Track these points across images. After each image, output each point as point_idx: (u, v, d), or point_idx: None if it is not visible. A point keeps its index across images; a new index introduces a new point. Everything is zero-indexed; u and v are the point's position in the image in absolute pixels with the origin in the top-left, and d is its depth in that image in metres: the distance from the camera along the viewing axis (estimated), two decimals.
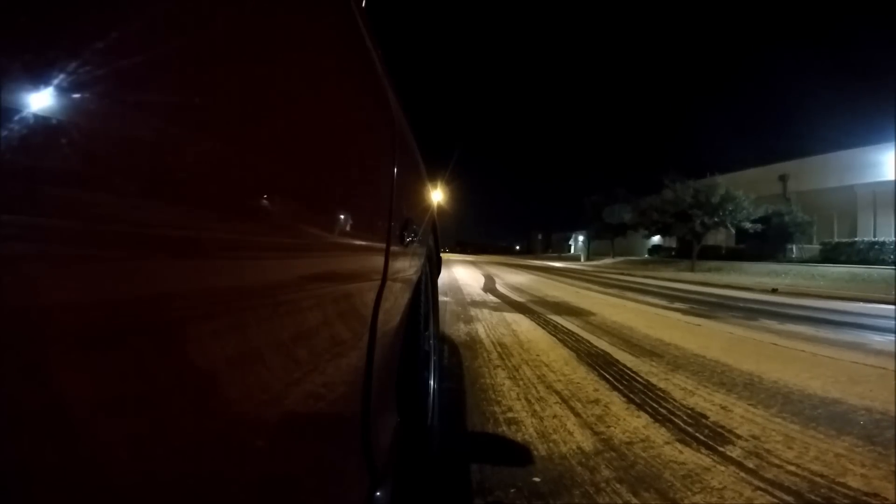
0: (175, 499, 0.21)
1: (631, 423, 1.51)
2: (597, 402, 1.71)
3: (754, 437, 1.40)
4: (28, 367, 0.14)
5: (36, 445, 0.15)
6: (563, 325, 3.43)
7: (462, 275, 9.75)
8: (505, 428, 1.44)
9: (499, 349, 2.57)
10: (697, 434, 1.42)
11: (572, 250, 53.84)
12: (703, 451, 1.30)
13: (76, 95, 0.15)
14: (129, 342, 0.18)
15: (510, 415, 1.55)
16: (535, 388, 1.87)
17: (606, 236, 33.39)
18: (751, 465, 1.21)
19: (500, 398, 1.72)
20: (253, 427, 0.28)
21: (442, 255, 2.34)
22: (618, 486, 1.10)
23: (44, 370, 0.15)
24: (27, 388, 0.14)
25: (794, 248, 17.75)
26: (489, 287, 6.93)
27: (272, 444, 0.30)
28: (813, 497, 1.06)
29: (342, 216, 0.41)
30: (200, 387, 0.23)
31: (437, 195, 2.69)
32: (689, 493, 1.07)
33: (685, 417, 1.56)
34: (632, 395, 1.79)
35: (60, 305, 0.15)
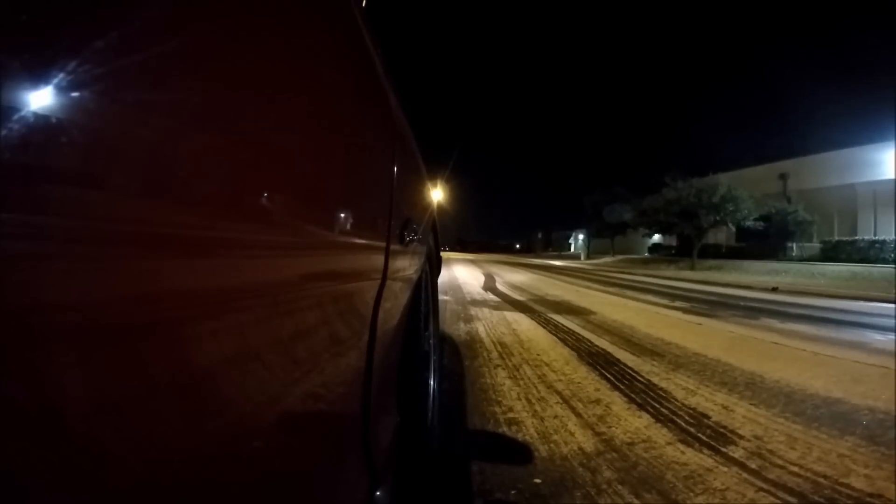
0: (175, 499, 0.21)
1: (632, 423, 1.51)
2: (598, 402, 1.71)
3: (757, 437, 1.40)
4: (28, 367, 0.14)
5: (36, 445, 0.15)
6: (563, 324, 3.42)
7: (462, 273, 9.76)
8: (505, 428, 1.44)
9: (499, 348, 2.57)
10: (699, 434, 1.41)
11: (572, 249, 53.88)
12: (705, 451, 1.30)
13: (76, 95, 0.15)
14: (128, 342, 0.18)
15: (511, 415, 1.55)
16: (536, 387, 1.87)
17: (606, 235, 33.45)
18: (753, 466, 1.20)
19: (500, 398, 1.72)
20: (253, 427, 0.28)
21: (442, 253, 2.34)
22: (619, 487, 1.09)
23: (44, 370, 0.15)
24: (27, 388, 0.14)
25: (795, 246, 17.74)
26: (489, 286, 6.93)
27: (272, 444, 0.30)
28: (816, 498, 1.05)
29: (342, 215, 0.41)
30: (200, 386, 0.23)
31: (437, 194, 2.69)
32: (691, 494, 1.07)
33: (687, 418, 1.56)
34: (633, 395, 1.78)
35: (60, 305, 0.15)
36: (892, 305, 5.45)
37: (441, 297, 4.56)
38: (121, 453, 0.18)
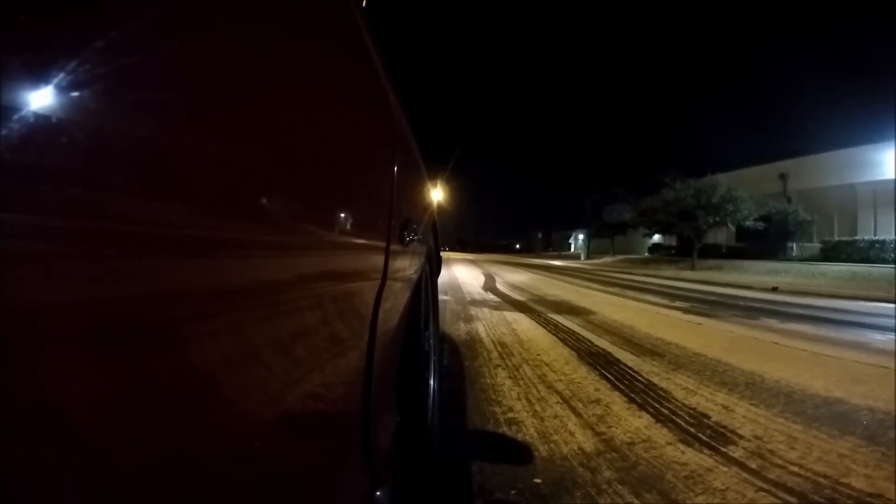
0: (175, 499, 0.21)
1: (632, 423, 1.51)
2: (598, 402, 1.71)
3: (757, 437, 1.40)
4: (28, 367, 0.14)
5: (36, 445, 0.15)
6: (563, 324, 3.42)
7: (462, 273, 9.76)
8: (505, 428, 1.44)
9: (499, 348, 2.57)
10: (700, 434, 1.41)
11: (572, 249, 53.89)
12: (705, 451, 1.30)
13: (76, 95, 0.15)
14: (128, 342, 0.18)
15: (511, 415, 1.55)
16: (536, 387, 1.87)
17: (606, 235, 33.47)
18: (754, 466, 1.20)
19: (500, 398, 1.72)
20: (253, 427, 0.28)
21: (442, 253, 2.34)
22: (620, 487, 1.09)
23: (44, 370, 0.15)
24: (27, 388, 0.14)
25: (795, 246, 17.75)
26: (489, 286, 6.93)
27: (272, 444, 0.30)
28: (816, 498, 1.05)
29: (342, 216, 0.41)
30: (200, 387, 0.23)
31: (437, 194, 2.69)
32: (691, 494, 1.07)
33: (687, 417, 1.56)
34: (633, 395, 1.78)
35: (60, 305, 0.15)
36: (892, 305, 5.45)
37: (441, 296, 4.56)
38: (121, 453, 0.18)
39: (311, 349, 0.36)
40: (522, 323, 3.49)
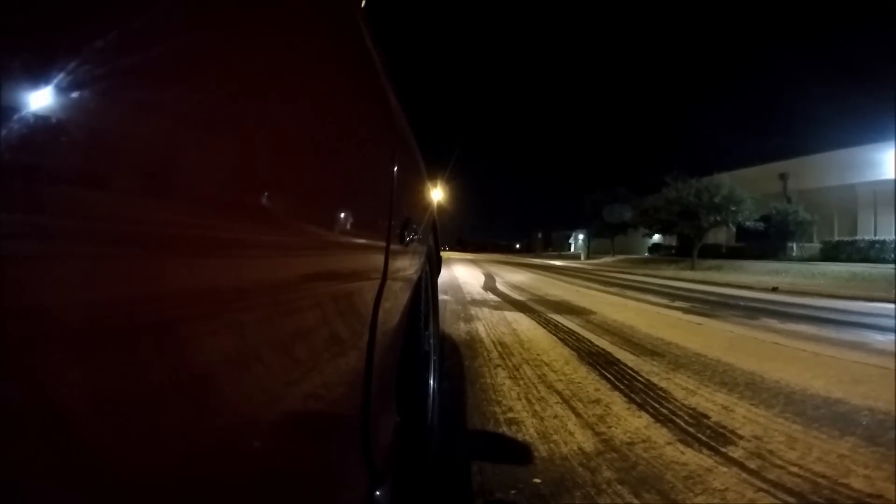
0: (175, 499, 0.21)
1: (632, 423, 1.51)
2: (598, 402, 1.71)
3: (756, 437, 1.40)
4: (28, 367, 0.14)
5: (36, 445, 0.15)
6: (563, 324, 3.42)
7: (462, 273, 9.76)
8: (505, 428, 1.44)
9: (499, 348, 2.57)
10: (699, 434, 1.41)
11: (572, 249, 53.89)
12: (704, 451, 1.30)
13: (76, 95, 0.15)
14: (128, 342, 0.18)
15: (511, 415, 1.55)
16: (536, 387, 1.87)
17: (606, 234, 33.45)
18: (753, 466, 1.21)
19: (500, 398, 1.72)
20: (253, 427, 0.28)
21: (442, 253, 2.34)
22: (619, 487, 1.09)
23: (44, 370, 0.15)
24: (27, 388, 0.14)
25: (795, 246, 17.75)
26: (489, 286, 6.93)
27: (272, 444, 0.30)
28: (816, 498, 1.05)
29: (342, 215, 0.41)
30: (200, 387, 0.23)
31: (437, 194, 2.69)
32: (690, 494, 1.07)
33: (687, 418, 1.56)
34: (633, 395, 1.78)
35: (60, 305, 0.15)
36: (892, 305, 5.45)
37: (441, 296, 4.56)
38: (121, 453, 0.18)
39: (311, 349, 0.36)
40: (522, 323, 3.49)
